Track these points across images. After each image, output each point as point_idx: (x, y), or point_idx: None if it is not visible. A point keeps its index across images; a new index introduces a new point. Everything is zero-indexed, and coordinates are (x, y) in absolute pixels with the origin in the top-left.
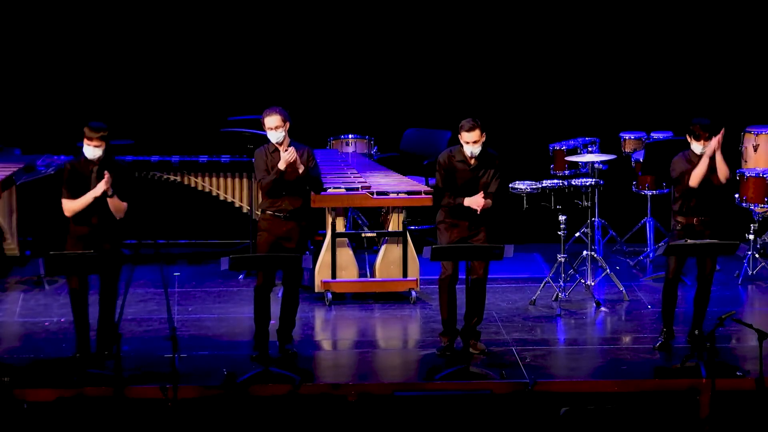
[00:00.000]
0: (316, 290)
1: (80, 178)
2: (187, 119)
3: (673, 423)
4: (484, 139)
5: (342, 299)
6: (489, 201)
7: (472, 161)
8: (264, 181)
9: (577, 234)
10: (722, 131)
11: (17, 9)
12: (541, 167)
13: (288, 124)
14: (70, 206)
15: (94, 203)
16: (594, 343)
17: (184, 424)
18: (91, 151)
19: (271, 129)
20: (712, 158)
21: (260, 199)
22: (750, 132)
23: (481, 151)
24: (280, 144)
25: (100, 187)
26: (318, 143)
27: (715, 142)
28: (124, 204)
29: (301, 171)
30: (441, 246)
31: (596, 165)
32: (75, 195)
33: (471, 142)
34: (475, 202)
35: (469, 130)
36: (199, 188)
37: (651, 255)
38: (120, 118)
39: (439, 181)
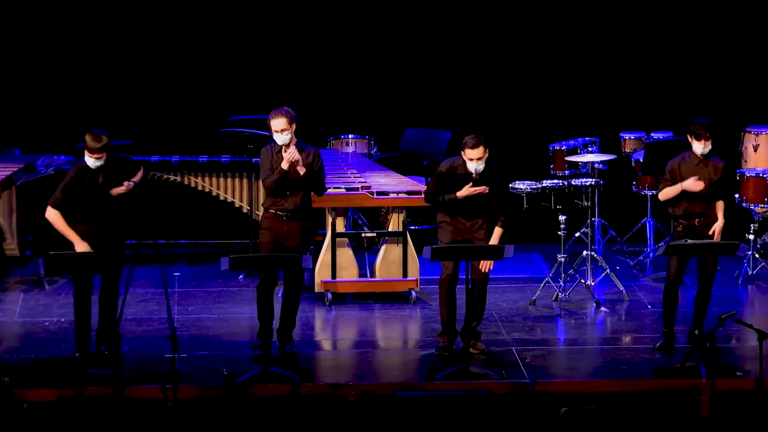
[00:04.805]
0: (316, 290)
1: (86, 186)
2: (187, 119)
3: (673, 423)
4: (487, 155)
5: (342, 299)
6: (484, 188)
7: (475, 175)
8: (268, 180)
9: (577, 234)
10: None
11: (17, 9)
12: (541, 167)
13: (294, 125)
14: (55, 218)
15: (96, 204)
16: (594, 343)
17: (184, 424)
18: (93, 162)
19: (277, 132)
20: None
21: (262, 198)
22: (750, 132)
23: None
24: (287, 146)
25: (82, 245)
26: (318, 143)
27: (697, 183)
28: (138, 175)
29: (302, 173)
30: (441, 246)
31: (596, 165)
32: (72, 202)
33: (475, 159)
34: (466, 190)
35: (473, 147)
36: (199, 188)
37: (651, 255)
38: (120, 118)
39: (432, 188)
